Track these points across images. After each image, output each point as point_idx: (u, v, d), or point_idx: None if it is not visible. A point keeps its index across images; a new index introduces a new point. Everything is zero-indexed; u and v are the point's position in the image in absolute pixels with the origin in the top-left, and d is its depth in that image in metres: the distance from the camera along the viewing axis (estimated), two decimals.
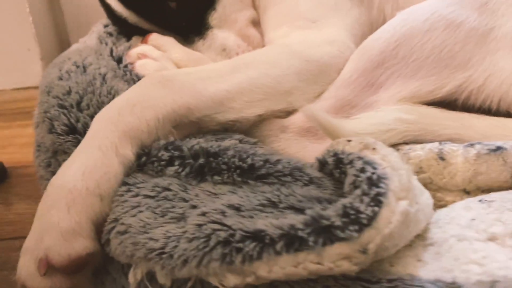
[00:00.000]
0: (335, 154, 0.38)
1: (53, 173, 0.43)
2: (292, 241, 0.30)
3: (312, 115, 0.45)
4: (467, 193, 0.46)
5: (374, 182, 0.31)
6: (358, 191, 0.31)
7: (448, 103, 0.52)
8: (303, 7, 0.60)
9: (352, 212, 0.30)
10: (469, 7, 0.52)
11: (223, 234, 0.32)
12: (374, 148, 0.36)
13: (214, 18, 0.62)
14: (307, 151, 0.49)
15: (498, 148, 0.45)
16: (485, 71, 0.50)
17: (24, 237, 0.48)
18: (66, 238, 0.38)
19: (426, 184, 0.47)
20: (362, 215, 0.29)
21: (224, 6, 0.62)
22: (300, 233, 0.29)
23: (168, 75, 0.48)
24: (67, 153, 0.46)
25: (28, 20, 0.95)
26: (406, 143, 0.49)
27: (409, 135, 0.49)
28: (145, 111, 0.43)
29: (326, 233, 0.29)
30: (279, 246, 0.30)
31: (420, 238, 0.37)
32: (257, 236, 0.31)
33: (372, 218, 0.29)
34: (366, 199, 0.30)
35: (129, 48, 0.61)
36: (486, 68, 0.50)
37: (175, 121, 0.45)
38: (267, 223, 0.31)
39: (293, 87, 0.51)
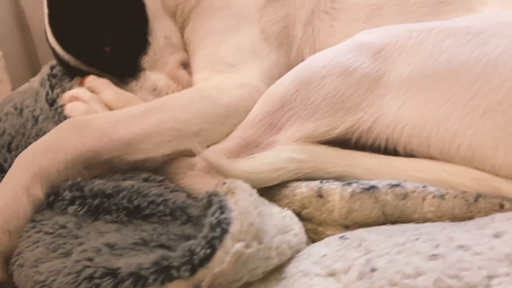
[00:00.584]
0: (209, 196, 0.44)
1: None
2: (138, 279, 0.35)
3: (205, 158, 0.51)
4: (346, 227, 0.51)
5: (214, 226, 0.37)
6: (201, 234, 0.37)
7: (343, 141, 0.58)
8: (224, 52, 0.66)
9: (189, 254, 0.35)
10: (365, 53, 0.58)
11: (89, 271, 0.37)
12: (233, 193, 0.41)
13: (145, 61, 0.68)
14: (210, 187, 0.54)
15: (371, 187, 0.50)
16: (374, 114, 0.55)
17: None
18: None
19: (310, 219, 0.52)
20: (195, 257, 0.35)
21: (155, 51, 0.68)
22: (143, 272, 0.35)
23: (83, 120, 0.54)
24: None
25: None
26: (298, 179, 0.54)
27: (300, 173, 0.54)
28: (56, 154, 0.49)
29: (166, 272, 0.35)
30: (127, 283, 0.35)
31: (278, 272, 0.42)
32: (114, 273, 0.36)
33: (204, 259, 0.35)
34: (203, 242, 0.36)
35: (69, 89, 0.67)
36: (375, 111, 0.55)
37: (85, 163, 0.51)
38: (124, 261, 0.37)
39: (201, 129, 0.56)
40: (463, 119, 0.51)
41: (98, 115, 0.58)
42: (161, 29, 0.69)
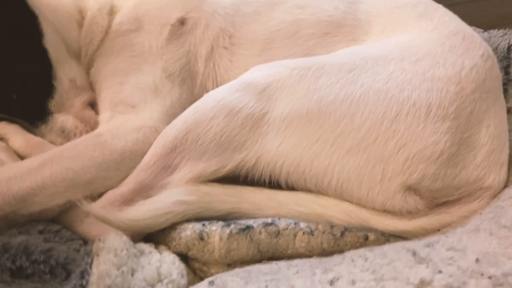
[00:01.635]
0: (83, 255, 0.47)
1: None
2: None
3: (89, 210, 0.54)
4: (229, 265, 0.55)
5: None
6: None
7: (234, 177, 0.61)
8: (124, 93, 0.68)
9: None
10: (251, 93, 0.61)
11: None
12: (97, 254, 0.45)
13: (52, 105, 0.70)
14: (106, 232, 0.57)
15: (247, 228, 0.54)
16: (257, 152, 0.59)
17: None
18: None
19: (196, 259, 0.56)
20: None
21: (60, 94, 0.71)
22: None
23: None
24: None
25: None
26: (188, 220, 0.58)
27: (189, 214, 0.57)
28: None
29: None
30: None
31: None
32: None
33: None
34: None
35: None
36: (258, 150, 0.59)
37: None
38: None
39: (94, 177, 0.59)
40: (331, 157, 0.55)
41: (4, 170, 0.60)
42: (65, 72, 0.71)
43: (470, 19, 0.70)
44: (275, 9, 0.73)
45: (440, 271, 0.40)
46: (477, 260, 0.41)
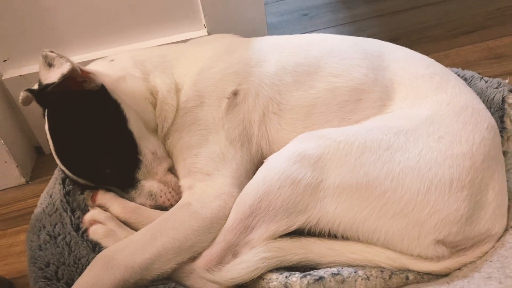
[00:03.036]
0: None
1: None
2: None
3: (206, 277, 0.72)
4: None
5: None
6: None
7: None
8: (200, 163, 0.84)
9: None
10: (306, 164, 0.77)
11: None
12: None
13: (140, 174, 0.86)
14: (208, 286, 0.76)
15: (320, 278, 0.72)
16: (317, 214, 0.76)
17: None
18: None
19: None
20: None
21: (146, 165, 0.86)
22: None
23: (109, 256, 0.73)
24: None
25: None
26: (271, 271, 0.76)
27: (270, 266, 0.75)
28: None
29: None
30: None
31: None
32: None
33: None
34: None
35: (83, 206, 0.86)
36: (318, 212, 0.76)
37: None
38: None
39: (194, 242, 0.76)
40: (379, 220, 0.73)
41: (118, 246, 0.76)
42: (148, 147, 0.86)
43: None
44: (313, 78, 0.88)
45: None
46: None
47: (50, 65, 0.74)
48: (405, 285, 0.73)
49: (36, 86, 0.91)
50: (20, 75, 1.19)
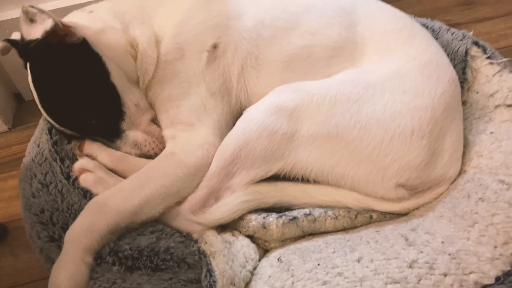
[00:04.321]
0: (199, 254, 0.74)
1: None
2: None
3: (193, 220, 0.79)
4: (282, 241, 0.83)
5: (206, 286, 0.67)
6: None
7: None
8: (182, 114, 0.89)
9: None
10: (282, 115, 0.82)
11: None
12: (213, 257, 0.71)
13: (124, 125, 0.90)
14: (193, 227, 0.83)
15: (294, 218, 0.81)
16: (292, 161, 0.83)
17: (34, 281, 0.83)
18: None
19: (259, 238, 0.83)
20: None
21: (129, 116, 0.90)
22: None
23: (101, 202, 0.79)
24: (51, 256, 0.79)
25: None
26: (249, 212, 0.84)
27: (249, 208, 0.83)
28: (93, 234, 0.76)
29: None
30: None
31: None
32: None
33: None
34: None
35: (71, 155, 0.91)
36: (292, 159, 0.83)
37: (111, 232, 0.78)
38: None
39: (180, 188, 0.83)
40: (347, 166, 0.81)
41: (109, 193, 0.81)
42: (130, 99, 0.90)
43: None
44: (290, 34, 0.91)
45: (421, 252, 0.69)
46: (442, 242, 0.70)
47: (31, 20, 0.76)
48: (369, 223, 0.82)
49: (14, 36, 0.92)
50: (5, 20, 1.18)
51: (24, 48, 0.79)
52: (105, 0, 0.98)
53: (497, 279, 0.65)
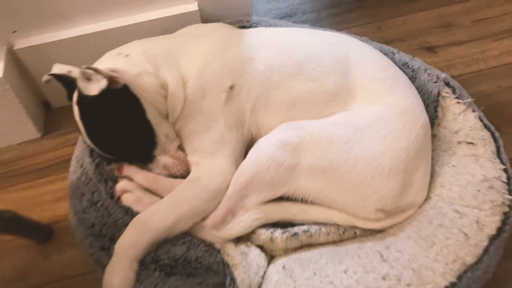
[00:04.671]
0: (223, 265, 0.96)
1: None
2: None
3: (216, 236, 1.00)
4: (285, 251, 1.05)
5: None
6: None
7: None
8: (204, 146, 1.08)
9: None
10: (287, 150, 1.02)
11: None
12: (235, 268, 0.93)
13: (156, 152, 1.09)
14: (215, 239, 1.04)
15: (295, 234, 1.03)
16: (294, 187, 1.03)
17: (79, 275, 1.05)
18: None
19: (268, 248, 1.05)
20: None
21: (160, 145, 1.09)
22: None
23: (142, 221, 0.99)
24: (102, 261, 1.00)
25: None
26: (260, 227, 1.06)
27: (260, 224, 1.05)
28: (137, 247, 0.97)
29: None
30: None
31: None
32: None
33: None
34: None
35: (112, 176, 1.10)
36: (295, 186, 1.03)
37: (151, 244, 0.99)
38: None
39: (204, 208, 1.03)
40: (338, 194, 1.02)
41: (149, 214, 1.01)
42: (162, 131, 1.09)
43: None
44: (294, 79, 1.10)
45: (392, 267, 0.92)
46: (408, 259, 0.93)
47: (88, 79, 0.93)
48: (353, 238, 1.04)
49: (55, 69, 1.09)
50: (30, 46, 1.33)
51: (83, 100, 0.97)
52: (137, 42, 1.15)
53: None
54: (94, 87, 0.93)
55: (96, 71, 0.93)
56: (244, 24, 1.37)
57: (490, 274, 0.96)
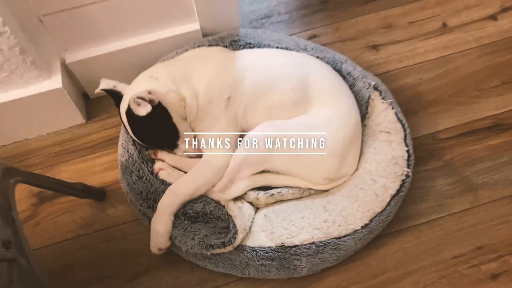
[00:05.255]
0: (228, 216, 1.54)
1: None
2: (211, 245, 1.49)
3: (221, 197, 1.58)
4: (266, 204, 1.63)
5: (233, 233, 1.49)
6: (228, 236, 1.49)
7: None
8: (212, 140, 1.62)
9: (226, 241, 1.49)
10: (267, 141, 1.59)
11: (203, 243, 1.51)
12: (236, 217, 1.52)
13: (179, 141, 1.63)
14: (221, 198, 1.62)
15: (272, 194, 1.60)
16: (271, 164, 1.59)
17: (128, 222, 1.67)
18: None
19: (255, 203, 1.63)
20: (227, 242, 1.48)
21: (181, 137, 1.63)
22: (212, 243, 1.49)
23: (174, 190, 1.55)
24: (148, 215, 1.58)
25: None
26: (250, 190, 1.63)
27: (250, 188, 1.61)
28: (172, 206, 1.54)
29: (218, 245, 1.49)
30: (214, 246, 1.50)
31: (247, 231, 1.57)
32: (209, 244, 1.50)
33: (229, 242, 1.48)
34: (230, 238, 1.49)
35: (150, 158, 1.65)
36: (271, 164, 1.59)
37: (181, 204, 1.56)
38: (213, 240, 1.50)
39: (214, 180, 1.58)
40: (299, 169, 1.59)
41: (178, 185, 1.57)
42: (182, 129, 1.61)
43: None
44: (270, 93, 1.61)
45: (330, 215, 1.52)
46: (340, 209, 1.53)
47: (138, 104, 1.45)
48: (309, 196, 1.63)
49: (103, 85, 1.60)
50: (79, 60, 1.81)
51: (130, 112, 1.50)
52: (160, 66, 1.65)
53: (362, 227, 1.50)
54: (143, 110, 1.45)
55: (144, 100, 1.45)
56: (234, 38, 1.86)
57: (391, 217, 1.57)
